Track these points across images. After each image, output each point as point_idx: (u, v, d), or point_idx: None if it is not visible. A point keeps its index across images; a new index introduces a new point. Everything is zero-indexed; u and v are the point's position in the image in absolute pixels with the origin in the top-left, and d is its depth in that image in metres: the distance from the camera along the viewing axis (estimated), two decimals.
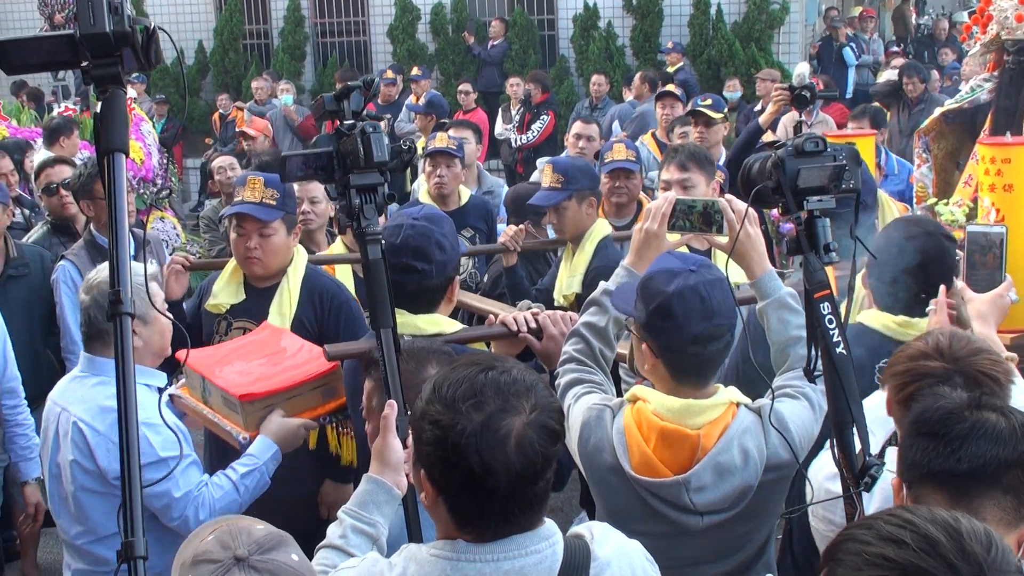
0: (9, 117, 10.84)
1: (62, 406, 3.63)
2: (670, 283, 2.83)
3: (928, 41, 19.42)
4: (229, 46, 18.77)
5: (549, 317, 3.41)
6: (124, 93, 2.14)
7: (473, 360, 2.16)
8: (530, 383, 2.11)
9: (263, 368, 3.73)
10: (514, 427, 2.03)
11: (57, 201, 6.26)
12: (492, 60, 17.00)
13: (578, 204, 5.19)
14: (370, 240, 2.81)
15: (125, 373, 1.97)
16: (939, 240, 3.61)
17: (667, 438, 2.81)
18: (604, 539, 2.24)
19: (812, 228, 2.64)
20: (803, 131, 2.76)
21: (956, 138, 6.35)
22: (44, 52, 2.14)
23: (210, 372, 3.70)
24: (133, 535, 1.86)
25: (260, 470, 3.61)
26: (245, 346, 3.97)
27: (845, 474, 2.58)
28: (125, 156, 2.14)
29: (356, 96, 2.84)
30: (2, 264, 5.62)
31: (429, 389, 2.13)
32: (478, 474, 2.02)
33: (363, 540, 2.50)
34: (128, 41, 2.08)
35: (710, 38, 16.67)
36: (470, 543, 2.10)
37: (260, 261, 4.42)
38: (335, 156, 2.84)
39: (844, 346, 2.59)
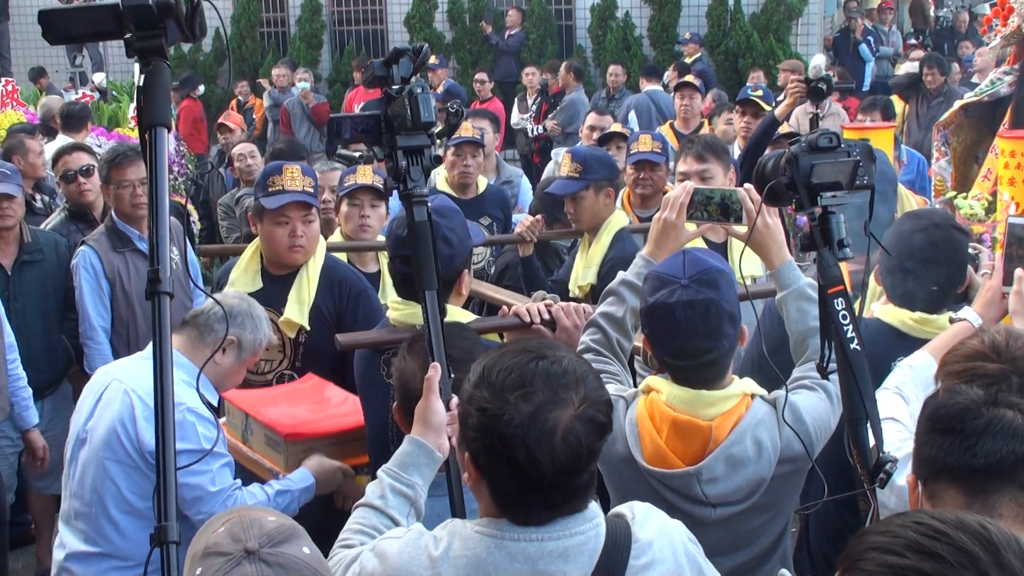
0: (27, 103, 10.90)
1: (115, 377, 3.63)
2: (653, 294, 2.83)
3: (948, 33, 19.30)
4: (246, 34, 18.79)
5: (563, 308, 3.40)
6: (168, 66, 2.13)
7: (524, 347, 2.15)
8: (581, 374, 2.10)
9: (308, 413, 3.78)
10: (562, 420, 2.03)
11: (75, 188, 6.26)
12: (509, 50, 16.98)
13: (595, 194, 5.16)
14: (416, 202, 2.82)
15: (163, 353, 1.96)
16: (949, 232, 3.58)
17: (679, 429, 2.80)
18: (645, 519, 2.24)
19: (826, 224, 2.63)
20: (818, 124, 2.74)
21: (975, 131, 6.32)
22: (88, 22, 2.13)
23: (255, 410, 3.74)
24: (167, 519, 1.85)
25: (293, 494, 3.62)
26: (290, 392, 4.03)
27: (860, 471, 2.57)
28: (168, 131, 2.12)
29: (405, 62, 2.84)
30: (17, 250, 5.64)
31: (478, 372, 2.13)
32: (523, 465, 2.03)
33: (401, 501, 2.50)
34: (171, 13, 2.06)
35: (728, 29, 16.63)
36: (514, 523, 2.10)
37: (304, 249, 4.44)
38: (383, 120, 2.84)
39: (858, 342, 2.57)
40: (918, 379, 3.20)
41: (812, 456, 2.83)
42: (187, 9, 2.08)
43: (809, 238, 2.65)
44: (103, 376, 3.70)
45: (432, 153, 2.85)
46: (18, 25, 19.36)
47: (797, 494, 3.02)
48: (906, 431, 2.99)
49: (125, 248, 5.52)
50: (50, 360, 5.69)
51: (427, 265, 2.80)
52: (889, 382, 3.17)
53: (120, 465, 3.53)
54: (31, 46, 19.45)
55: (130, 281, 5.51)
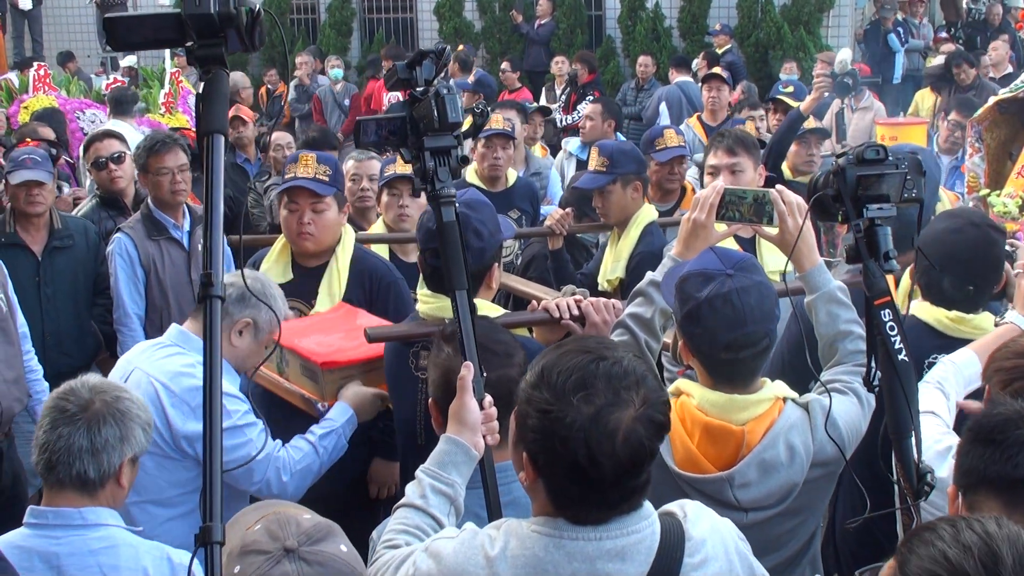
0: (59, 88, 10.96)
1: (136, 365, 3.65)
2: (703, 288, 2.81)
3: (981, 26, 19.07)
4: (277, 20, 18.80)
5: (592, 304, 3.39)
6: (227, 74, 2.16)
7: (583, 347, 2.15)
8: (641, 374, 2.10)
9: (342, 341, 3.79)
10: (623, 421, 2.04)
11: (106, 175, 6.30)
12: (539, 39, 16.91)
13: (623, 188, 5.16)
14: (444, 202, 2.83)
15: (212, 357, 1.98)
16: (985, 231, 3.57)
17: (711, 434, 2.79)
18: (697, 518, 2.25)
19: (872, 236, 2.62)
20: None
21: (1009, 128, 6.28)
22: (150, 29, 2.16)
23: (289, 341, 3.76)
24: (212, 520, 1.87)
25: (338, 432, 3.66)
26: (322, 322, 4.04)
27: (903, 485, 2.55)
28: (225, 138, 2.15)
29: (428, 64, 2.85)
30: (48, 236, 5.67)
31: (536, 373, 2.13)
32: (584, 466, 2.03)
33: (442, 500, 2.51)
34: (233, 22, 2.10)
35: (758, 20, 16.51)
36: (571, 523, 2.11)
37: (313, 237, 4.42)
38: (408, 121, 2.86)
39: (906, 353, 2.56)
40: (960, 376, 3.21)
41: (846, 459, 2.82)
42: (247, 19, 2.11)
43: (855, 250, 2.64)
44: (124, 365, 3.72)
45: (459, 153, 2.86)
46: (49, 9, 19.49)
47: (828, 497, 3.02)
48: (944, 425, 2.98)
49: (160, 236, 5.55)
50: (80, 346, 5.73)
51: (456, 265, 2.82)
52: (931, 376, 3.17)
53: (152, 456, 3.51)
54: (63, 30, 19.59)
55: (164, 269, 5.54)
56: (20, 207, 5.55)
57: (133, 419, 2.96)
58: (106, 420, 2.91)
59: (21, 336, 4.97)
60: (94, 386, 2.98)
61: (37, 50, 17.98)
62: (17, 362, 4.86)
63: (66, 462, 2.88)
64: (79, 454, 2.88)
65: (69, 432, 2.88)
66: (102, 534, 2.92)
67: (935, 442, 2.78)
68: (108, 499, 2.96)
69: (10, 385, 4.75)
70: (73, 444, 2.88)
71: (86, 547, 2.88)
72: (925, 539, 1.77)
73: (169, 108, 10.60)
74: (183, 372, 3.54)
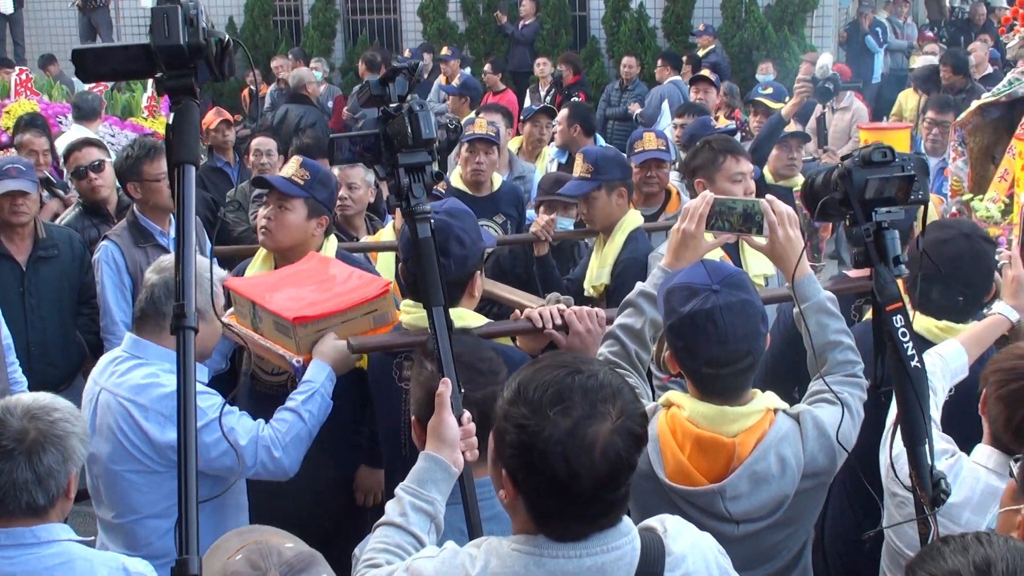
0: (41, 92, 10.90)
1: (102, 386, 3.61)
2: (686, 303, 2.80)
3: (964, 26, 19.15)
4: (260, 22, 18.77)
5: (575, 313, 3.38)
6: (197, 106, 2.17)
7: (559, 361, 2.15)
8: (616, 387, 2.10)
9: (314, 294, 3.76)
10: (600, 434, 2.03)
11: (87, 184, 6.21)
12: (523, 40, 16.91)
13: (608, 194, 5.15)
14: (419, 219, 2.83)
15: (187, 387, 1.97)
16: (976, 243, 3.58)
17: (702, 446, 2.78)
18: (678, 533, 2.24)
19: (881, 240, 2.60)
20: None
21: (992, 132, 6.29)
22: (119, 61, 2.17)
23: (260, 298, 3.72)
24: (188, 552, 1.86)
25: (319, 392, 3.61)
26: (294, 274, 4.00)
27: (919, 493, 2.53)
28: (195, 168, 2.15)
29: (401, 80, 2.85)
30: (32, 245, 5.62)
31: (513, 389, 2.13)
32: (563, 480, 2.02)
33: (422, 517, 2.50)
34: (202, 53, 2.11)
35: (742, 21, 16.54)
36: (551, 540, 2.10)
37: (269, 234, 4.40)
38: (382, 138, 2.85)
39: (918, 359, 2.54)
40: (947, 368, 3.22)
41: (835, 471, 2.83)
42: (217, 50, 2.12)
43: (864, 254, 2.62)
44: (91, 386, 3.67)
45: (433, 170, 2.85)
46: (31, 12, 19.39)
47: (819, 508, 3.01)
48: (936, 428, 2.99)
49: (147, 243, 5.51)
50: (65, 355, 5.69)
51: (433, 281, 2.81)
52: None
53: (140, 474, 3.52)
54: (45, 33, 19.48)
55: None
56: (4, 217, 5.50)
57: (70, 437, 2.90)
58: (45, 448, 2.85)
59: (5, 348, 4.92)
60: (25, 411, 2.89)
61: (19, 53, 17.86)
62: (1, 375, 4.81)
63: (13, 495, 2.84)
64: (25, 486, 2.83)
65: (10, 467, 2.82)
66: (56, 550, 2.89)
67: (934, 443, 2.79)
68: (58, 514, 2.94)
69: None
70: (17, 478, 2.83)
71: (41, 564, 2.85)
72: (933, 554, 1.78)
73: (152, 112, 10.55)
74: (147, 384, 3.50)
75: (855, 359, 3.02)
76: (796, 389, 3.68)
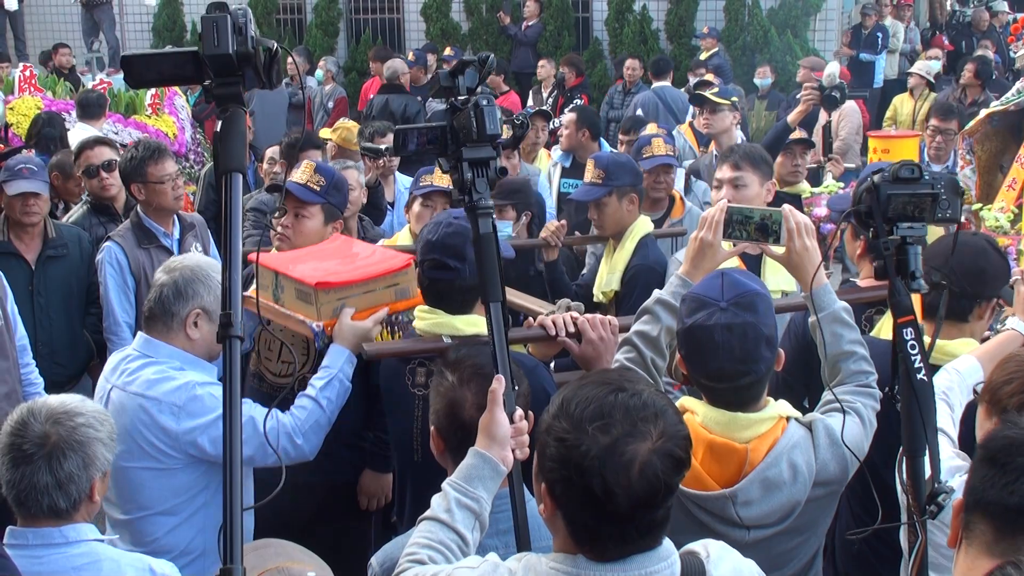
0: (45, 89, 10.88)
1: (114, 384, 3.63)
2: (692, 315, 2.82)
3: (966, 30, 19.14)
4: (263, 20, 18.73)
5: (589, 321, 3.39)
6: (244, 113, 2.18)
7: (604, 379, 2.15)
8: (660, 408, 2.09)
9: (338, 266, 3.80)
10: (639, 453, 2.02)
11: (98, 183, 6.24)
12: (526, 41, 16.91)
13: (618, 200, 5.16)
14: (482, 214, 2.82)
15: (232, 395, 1.98)
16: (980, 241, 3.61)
17: (715, 451, 2.80)
18: (720, 559, 2.24)
19: (903, 255, 2.62)
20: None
21: (1000, 140, 6.31)
22: (168, 67, 2.19)
23: (284, 268, 3.76)
24: (232, 561, 1.86)
25: (338, 378, 3.64)
26: (318, 250, 4.04)
27: (911, 503, 2.56)
28: (242, 176, 2.16)
29: (471, 72, 2.84)
30: (41, 244, 5.65)
31: (557, 403, 2.13)
32: (599, 497, 2.02)
33: (467, 515, 2.50)
34: (251, 62, 2.12)
35: (745, 24, 16.55)
36: (590, 560, 2.09)
37: (288, 241, 4.44)
38: (448, 130, 2.85)
39: (925, 372, 2.56)
40: (964, 385, 3.21)
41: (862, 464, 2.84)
42: (265, 58, 2.13)
43: (883, 267, 2.65)
44: (103, 384, 3.69)
45: (497, 165, 2.85)
46: (33, 7, 19.37)
47: (831, 516, 3.02)
48: (951, 445, 2.99)
49: (151, 244, 5.54)
50: (72, 354, 5.71)
51: (492, 278, 2.80)
52: (936, 385, 3.15)
53: (151, 471, 3.53)
54: (47, 29, 19.46)
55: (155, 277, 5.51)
56: (16, 217, 5.53)
57: (92, 443, 2.93)
58: (65, 454, 2.87)
59: (20, 349, 4.93)
60: (49, 414, 2.92)
61: (21, 49, 17.84)
62: (11, 376, 4.81)
63: (34, 499, 2.87)
64: (45, 490, 2.86)
65: (31, 471, 2.85)
66: (83, 550, 2.92)
67: (948, 458, 2.79)
68: (84, 516, 2.96)
69: (1, 400, 4.69)
70: (38, 482, 2.86)
71: (68, 564, 2.88)
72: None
73: (155, 110, 10.54)
74: (157, 379, 3.52)
75: (869, 369, 3.04)
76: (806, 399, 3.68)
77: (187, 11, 18.91)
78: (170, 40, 17.78)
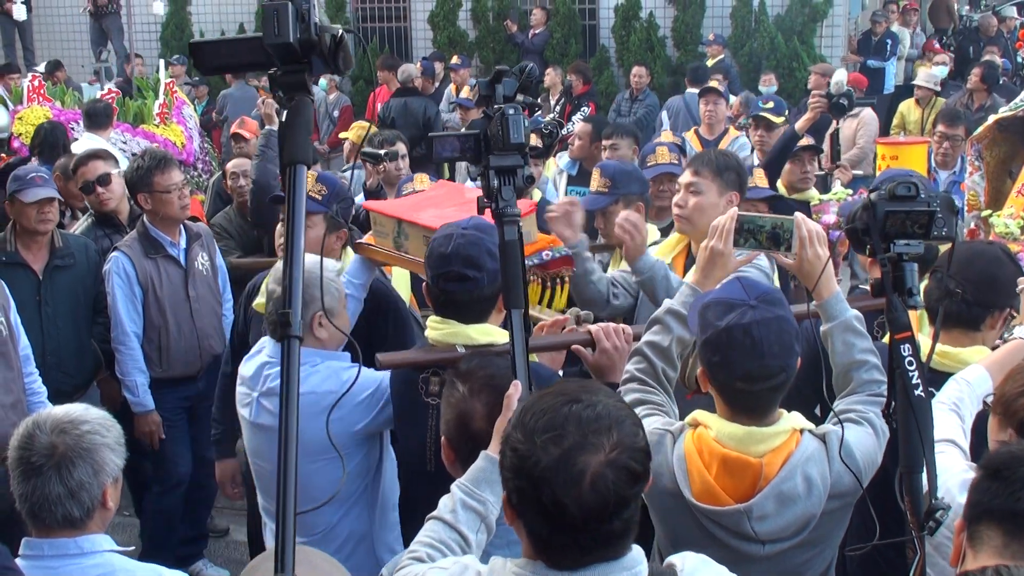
0: (53, 99, 10.89)
1: (260, 392, 3.69)
2: (723, 317, 2.80)
3: (973, 35, 19.09)
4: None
5: (603, 330, 3.37)
6: (311, 101, 2.14)
7: (561, 390, 2.13)
8: (616, 419, 2.06)
9: (457, 212, 3.80)
10: (590, 465, 2.00)
11: (95, 199, 6.22)
12: (533, 49, 16.90)
13: (625, 209, 5.14)
14: (507, 221, 2.84)
15: (288, 396, 1.95)
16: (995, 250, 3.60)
17: (729, 466, 2.79)
18: (695, 571, 2.22)
19: (899, 271, 2.63)
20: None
21: (1009, 146, 6.29)
22: (238, 53, 2.17)
23: (408, 215, 3.81)
24: (283, 571, 1.85)
25: None
26: (431, 198, 4.09)
27: (909, 519, 2.55)
28: (308, 168, 2.12)
29: (510, 81, 2.88)
30: (49, 254, 5.64)
31: (517, 414, 2.13)
32: (549, 509, 2.01)
33: (471, 517, 2.53)
34: (315, 49, 2.07)
35: (752, 31, 16.54)
36: (549, 567, 2.08)
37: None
38: (482, 138, 2.88)
39: (923, 388, 2.56)
40: (973, 395, 3.20)
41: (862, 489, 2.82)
42: (331, 44, 2.08)
43: (880, 284, 2.66)
44: (246, 393, 3.76)
45: (525, 173, 2.87)
46: (41, 17, 19.41)
47: (844, 528, 3.01)
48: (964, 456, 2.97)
49: (157, 254, 5.55)
50: (80, 364, 5.72)
51: (516, 284, 2.82)
52: (946, 396, 3.15)
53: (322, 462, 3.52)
54: (55, 39, 19.51)
55: (162, 287, 5.55)
56: (31, 225, 5.52)
57: (100, 449, 2.94)
58: (74, 462, 2.89)
59: (24, 359, 4.93)
60: (54, 424, 2.93)
61: (29, 59, 17.87)
62: (16, 386, 4.82)
63: (48, 510, 2.88)
64: (58, 500, 2.88)
65: (42, 483, 2.87)
66: (98, 561, 2.93)
67: (962, 471, 2.78)
68: (98, 524, 2.97)
69: (7, 410, 4.70)
70: (49, 493, 2.88)
71: (83, 575, 2.88)
72: None
73: (163, 119, 10.55)
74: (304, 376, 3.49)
75: (881, 378, 3.02)
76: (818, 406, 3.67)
77: (195, 20, 18.96)
78: (178, 50, 17.79)
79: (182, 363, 5.68)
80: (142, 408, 5.57)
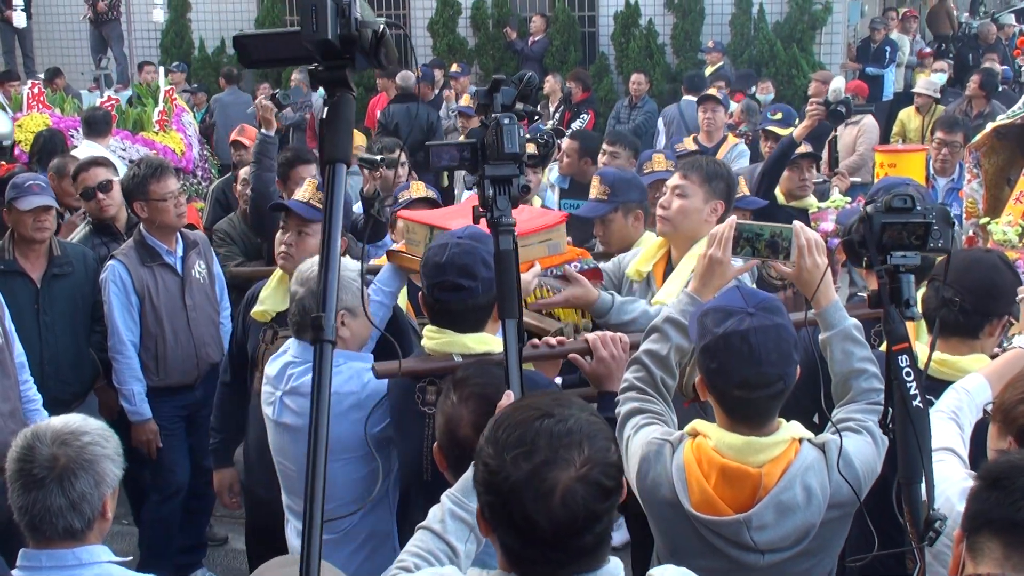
0: (53, 106, 10.91)
1: (283, 391, 3.74)
2: (721, 324, 2.79)
3: (972, 42, 19.11)
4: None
5: (600, 338, 3.37)
6: (352, 98, 2.10)
7: (533, 403, 2.11)
8: (587, 434, 2.04)
9: None
10: (560, 481, 1.98)
11: (95, 205, 6.20)
12: (533, 56, 16.91)
13: (624, 216, 5.13)
14: (502, 231, 2.86)
15: (320, 399, 1.94)
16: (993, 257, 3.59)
17: (728, 476, 2.77)
18: None
19: (896, 283, 2.63)
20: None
21: (1007, 153, 6.29)
22: (282, 47, 2.14)
23: (440, 222, 3.83)
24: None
25: None
26: (462, 208, 4.11)
27: (909, 529, 2.55)
28: (347, 167, 2.09)
29: (507, 90, 2.90)
30: (46, 263, 5.64)
31: (490, 427, 2.11)
32: (519, 524, 2.00)
33: (460, 526, 2.52)
34: (355, 44, 2.03)
35: (751, 38, 16.56)
36: None
37: (291, 259, 4.44)
38: (480, 147, 2.89)
39: (921, 399, 2.56)
40: (972, 404, 3.19)
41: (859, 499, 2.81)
42: (372, 39, 2.04)
43: (877, 296, 2.66)
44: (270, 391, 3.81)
45: (521, 183, 2.88)
46: (42, 25, 19.43)
47: (844, 538, 2.99)
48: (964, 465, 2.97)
49: (154, 262, 5.55)
50: (78, 372, 5.70)
51: (510, 294, 2.83)
52: (945, 405, 3.14)
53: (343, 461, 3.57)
54: (55, 46, 19.53)
55: (159, 295, 5.54)
56: (28, 233, 5.51)
57: (100, 460, 2.94)
58: (76, 474, 2.89)
59: (19, 366, 4.93)
60: (54, 436, 2.92)
61: (29, 66, 17.88)
62: (13, 394, 4.81)
63: (49, 521, 2.88)
64: (60, 512, 2.87)
65: (43, 495, 2.86)
66: (96, 572, 2.93)
67: (962, 479, 2.77)
68: (97, 536, 2.97)
69: (6, 418, 4.69)
70: (51, 505, 2.87)
71: None
72: None
73: (163, 126, 10.56)
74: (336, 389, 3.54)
75: (880, 386, 3.01)
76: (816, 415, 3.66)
77: (195, 28, 18.97)
78: (177, 57, 17.80)
79: (179, 372, 5.68)
80: (139, 417, 5.57)
